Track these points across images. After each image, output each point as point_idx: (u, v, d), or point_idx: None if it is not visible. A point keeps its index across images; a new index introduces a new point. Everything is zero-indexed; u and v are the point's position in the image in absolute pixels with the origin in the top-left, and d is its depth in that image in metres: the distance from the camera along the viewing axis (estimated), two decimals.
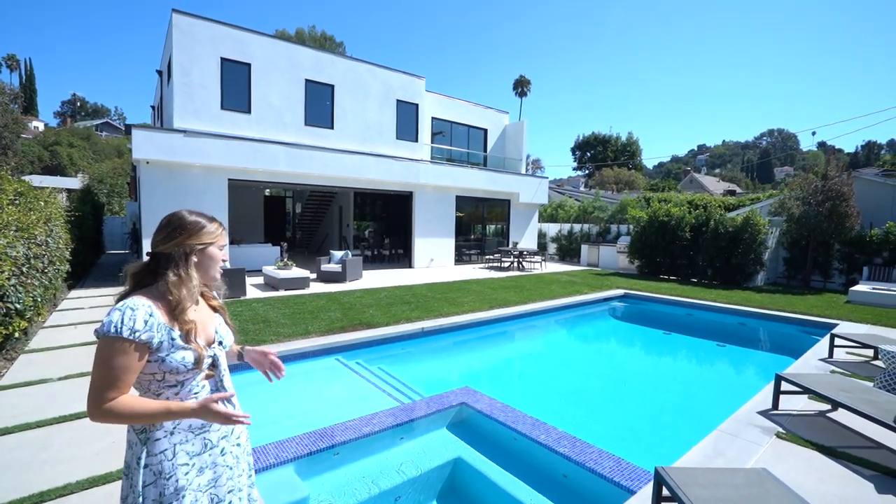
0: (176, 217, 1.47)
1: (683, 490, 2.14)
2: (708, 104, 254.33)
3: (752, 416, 3.80)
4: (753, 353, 7.71)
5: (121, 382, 1.30)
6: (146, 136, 10.03)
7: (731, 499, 2.08)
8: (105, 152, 42.05)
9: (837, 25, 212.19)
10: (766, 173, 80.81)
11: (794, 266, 12.90)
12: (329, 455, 3.30)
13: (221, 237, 1.53)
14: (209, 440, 1.43)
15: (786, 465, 3.01)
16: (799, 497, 2.13)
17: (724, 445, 3.27)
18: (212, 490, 1.43)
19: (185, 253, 1.44)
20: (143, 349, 1.33)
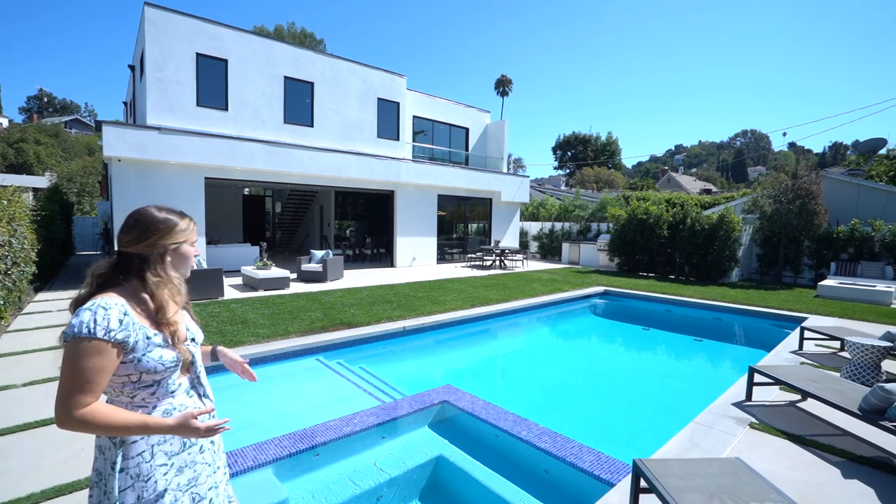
0: (145, 215, 1.41)
1: (660, 481, 2.18)
2: (685, 105, 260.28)
3: (727, 407, 3.90)
4: (728, 346, 7.92)
5: (94, 385, 1.24)
6: (118, 132, 9.72)
7: (705, 488, 2.13)
8: (75, 150, 40.66)
9: (807, 30, 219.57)
10: (740, 173, 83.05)
11: (767, 262, 13.29)
12: (309, 456, 3.25)
13: (193, 233, 1.51)
14: (188, 439, 1.41)
15: (758, 454, 3.09)
16: (770, 484, 2.18)
17: (700, 437, 3.34)
18: (192, 489, 1.41)
19: (159, 254, 1.41)
20: (119, 349, 1.28)
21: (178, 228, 1.45)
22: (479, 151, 19.40)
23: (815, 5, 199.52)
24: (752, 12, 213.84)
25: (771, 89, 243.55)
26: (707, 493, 2.08)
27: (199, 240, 10.48)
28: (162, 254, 1.42)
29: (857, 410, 3.11)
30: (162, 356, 1.34)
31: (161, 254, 1.41)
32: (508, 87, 57.20)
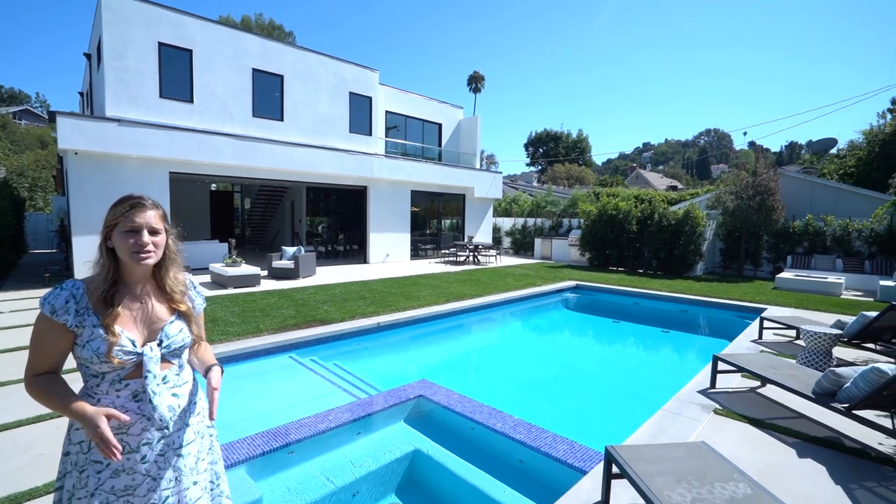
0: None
1: (631, 466, 2.25)
2: (653, 105, 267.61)
3: (693, 395, 4.05)
4: (694, 337, 8.23)
5: (38, 360, 1.33)
6: (74, 124, 9.24)
7: (673, 471, 2.21)
8: (25, 142, 38.37)
9: (767, 34, 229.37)
10: (704, 170, 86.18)
11: (729, 256, 13.87)
12: (283, 454, 3.20)
13: (125, 218, 1.37)
14: (127, 443, 1.34)
15: (722, 437, 3.24)
16: (733, 465, 2.29)
17: (668, 423, 3.47)
18: (128, 497, 1.34)
19: (103, 236, 1.40)
20: (62, 331, 1.30)
21: (111, 213, 1.40)
22: (453, 147, 19.43)
23: (774, 13, 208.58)
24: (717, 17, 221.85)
25: (733, 91, 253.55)
26: (675, 475, 2.16)
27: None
28: (103, 238, 1.40)
29: (811, 394, 3.30)
30: (100, 348, 1.31)
31: (103, 238, 1.40)
32: (481, 83, 57.33)
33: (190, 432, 1.47)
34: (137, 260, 1.37)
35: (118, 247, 1.37)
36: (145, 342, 1.39)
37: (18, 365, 4.54)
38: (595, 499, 2.49)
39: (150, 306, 1.45)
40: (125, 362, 1.33)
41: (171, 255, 1.50)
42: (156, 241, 1.41)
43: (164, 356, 1.42)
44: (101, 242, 1.40)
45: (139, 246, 1.37)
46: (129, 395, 1.36)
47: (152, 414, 1.36)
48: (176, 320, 1.48)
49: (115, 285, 1.39)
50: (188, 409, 1.47)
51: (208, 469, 1.53)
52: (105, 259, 1.39)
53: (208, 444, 1.55)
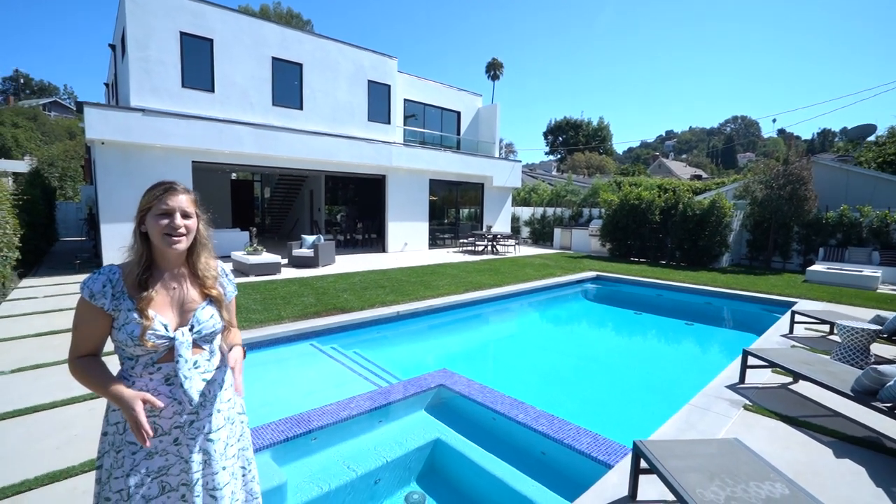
0: None
1: (661, 462, 2.19)
2: (676, 91, 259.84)
3: (721, 390, 3.94)
4: (719, 330, 8.02)
5: (79, 343, 1.36)
6: (101, 114, 9.42)
7: (706, 468, 2.14)
8: (55, 133, 39.47)
9: (797, 15, 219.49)
10: (730, 159, 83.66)
11: (757, 248, 13.45)
12: (307, 440, 3.23)
13: (158, 202, 1.40)
14: (159, 425, 1.37)
15: (753, 434, 3.13)
16: (768, 464, 2.20)
17: (696, 418, 3.38)
18: (162, 477, 1.37)
19: (137, 220, 1.43)
20: (100, 314, 1.34)
21: (144, 198, 1.43)
22: (471, 136, 19.23)
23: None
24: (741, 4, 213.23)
25: (761, 76, 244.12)
26: (707, 472, 2.09)
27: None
28: (137, 222, 1.43)
29: (850, 392, 3.16)
30: (134, 331, 1.33)
31: (137, 222, 1.43)
32: (500, 70, 56.57)
33: (220, 418, 1.47)
34: (170, 243, 1.40)
35: (151, 230, 1.40)
36: (177, 327, 1.41)
37: (53, 349, 4.69)
38: (622, 493, 2.44)
39: (182, 291, 1.47)
40: (158, 346, 1.35)
41: (203, 240, 1.51)
42: (188, 225, 1.43)
43: (196, 341, 1.43)
44: (135, 227, 1.43)
45: (172, 228, 1.39)
46: (162, 378, 1.38)
47: (183, 398, 1.38)
48: (207, 306, 1.50)
49: (148, 270, 1.42)
50: (218, 394, 1.48)
51: (238, 455, 1.54)
52: (139, 244, 1.42)
53: (238, 431, 1.55)
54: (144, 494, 1.34)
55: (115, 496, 1.34)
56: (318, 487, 2.90)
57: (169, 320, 1.40)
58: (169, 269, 1.46)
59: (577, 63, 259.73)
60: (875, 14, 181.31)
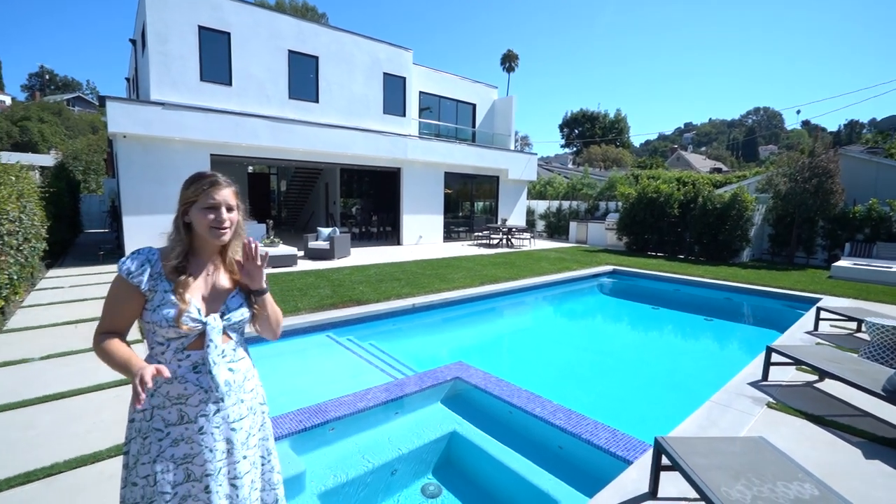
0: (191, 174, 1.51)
1: (684, 459, 2.15)
2: (696, 82, 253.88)
3: (743, 387, 3.86)
4: (739, 326, 7.86)
5: (109, 319, 1.40)
6: (122, 108, 9.59)
7: (730, 466, 2.10)
8: (78, 128, 40.42)
9: (824, 3, 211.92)
10: (751, 152, 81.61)
11: (779, 242, 13.11)
12: (324, 430, 3.26)
13: (205, 195, 1.42)
14: (185, 413, 1.38)
15: (777, 433, 3.06)
16: (796, 463, 2.15)
17: (718, 415, 3.31)
18: (188, 465, 1.38)
19: (179, 211, 1.45)
20: (135, 293, 1.37)
21: (187, 191, 1.45)
22: (486, 128, 19.08)
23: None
24: None
25: (785, 66, 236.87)
26: (732, 471, 2.05)
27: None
28: (179, 214, 1.45)
29: (881, 391, 3.06)
30: (170, 314, 1.35)
31: (180, 213, 1.45)
32: (515, 62, 55.93)
33: (243, 408, 1.48)
34: (217, 236, 1.44)
35: (197, 222, 1.43)
36: (208, 313, 1.43)
37: (79, 336, 4.81)
38: (642, 489, 2.40)
39: (215, 278, 1.50)
40: (192, 329, 1.38)
41: (240, 230, 1.54)
42: (231, 218, 1.47)
43: (224, 329, 1.45)
44: (178, 217, 1.45)
45: (218, 222, 1.43)
46: (190, 365, 1.40)
47: (209, 385, 1.39)
48: (237, 294, 1.52)
49: (186, 257, 1.45)
50: (242, 385, 1.49)
51: (259, 445, 1.55)
52: (182, 233, 1.45)
53: (260, 421, 1.57)
54: (170, 481, 1.35)
55: (142, 481, 1.36)
56: (335, 477, 2.93)
57: (201, 305, 1.43)
58: (204, 257, 1.50)
59: (595, 54, 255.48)
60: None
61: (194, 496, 1.38)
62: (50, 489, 2.35)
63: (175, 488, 1.36)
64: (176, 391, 1.37)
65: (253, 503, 1.49)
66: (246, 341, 1.61)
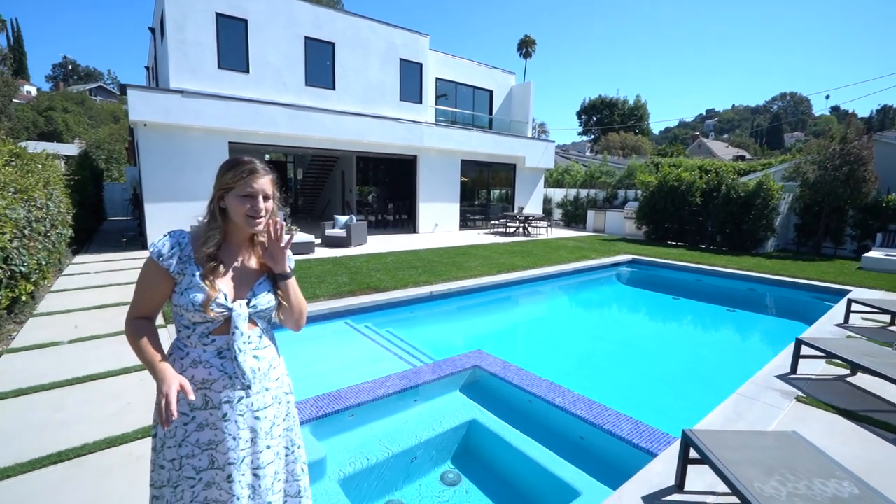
0: (227, 160, 1.48)
1: (714, 452, 2.09)
2: (719, 67, 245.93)
3: (771, 379, 3.75)
4: (764, 318, 7.67)
5: (139, 302, 1.39)
6: (142, 96, 9.69)
7: (762, 461, 2.03)
8: (101, 117, 41.21)
9: None
10: (776, 139, 79.05)
11: (805, 232, 12.70)
12: (344, 417, 3.28)
13: (243, 183, 1.39)
14: (210, 398, 1.37)
15: (808, 427, 2.97)
16: (832, 459, 2.07)
17: (745, 408, 3.23)
18: (212, 451, 1.37)
19: (214, 196, 1.43)
20: (165, 276, 1.36)
21: (223, 177, 1.42)
22: (504, 115, 18.81)
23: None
24: None
25: (813, 49, 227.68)
26: (765, 466, 1.98)
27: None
28: (216, 198, 1.42)
29: None
30: (197, 298, 1.33)
31: (215, 197, 1.42)
32: (532, 48, 54.90)
33: (268, 396, 1.47)
34: (252, 225, 1.41)
35: (233, 209, 1.40)
36: (235, 299, 1.41)
37: (106, 321, 4.93)
38: (668, 482, 2.35)
39: (243, 264, 1.48)
40: (218, 315, 1.36)
41: (273, 218, 1.51)
42: (267, 207, 1.44)
43: (251, 316, 1.43)
44: (213, 202, 1.43)
45: (255, 212, 1.40)
46: (215, 351, 1.39)
47: (234, 372, 1.38)
48: (264, 281, 1.50)
49: (219, 244, 1.44)
50: (267, 373, 1.48)
51: (283, 435, 1.54)
52: (218, 219, 1.42)
53: (285, 411, 1.55)
54: (195, 465, 1.36)
55: (168, 465, 1.37)
56: (356, 463, 2.94)
57: (228, 291, 1.40)
58: (235, 243, 1.48)
59: (614, 38, 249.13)
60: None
61: (217, 484, 1.38)
62: (81, 469, 2.41)
63: (199, 474, 1.36)
64: (201, 376, 1.36)
65: (275, 494, 1.47)
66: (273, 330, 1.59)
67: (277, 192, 1.50)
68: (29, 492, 2.22)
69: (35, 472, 2.36)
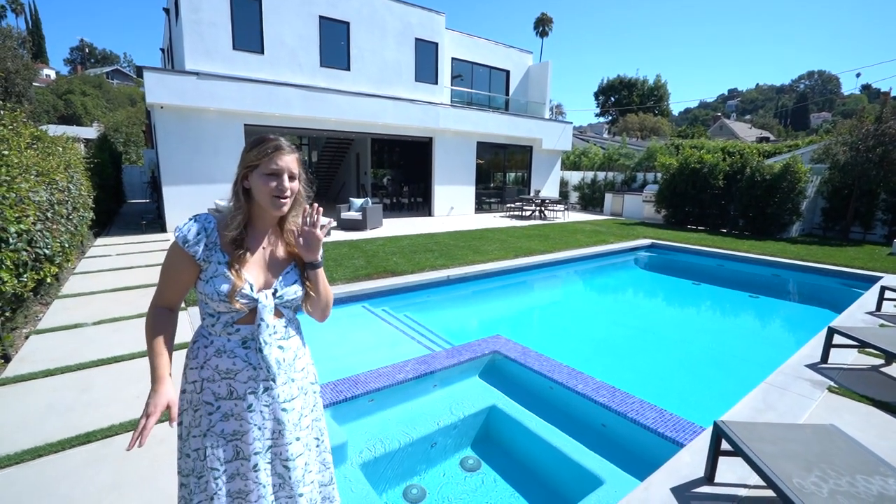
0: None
1: (749, 445, 2.01)
2: (742, 45, 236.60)
3: (800, 369, 3.64)
4: (788, 304, 7.47)
5: (164, 289, 1.35)
6: (159, 78, 9.67)
7: (800, 455, 1.95)
8: (118, 101, 41.55)
9: None
10: (802, 120, 76.37)
11: (832, 217, 12.28)
12: (364, 401, 3.28)
13: (268, 160, 1.31)
14: (234, 388, 1.33)
15: (842, 419, 2.87)
16: (873, 454, 1.98)
17: (775, 398, 3.13)
18: (237, 442, 1.34)
19: (239, 177, 1.35)
20: (190, 262, 1.30)
21: (247, 155, 1.34)
22: (520, 96, 18.42)
23: None
24: None
25: (844, 24, 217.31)
26: (804, 461, 1.91)
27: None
28: (239, 179, 1.35)
29: None
30: (221, 287, 1.28)
31: (239, 179, 1.35)
32: (548, 26, 53.44)
33: (294, 387, 1.43)
34: (277, 205, 1.33)
35: (257, 189, 1.33)
36: (261, 288, 1.36)
37: (128, 303, 5.00)
38: (697, 473, 2.29)
39: (270, 252, 1.42)
40: (243, 306, 1.31)
41: (300, 199, 1.44)
42: (293, 188, 1.36)
43: (277, 306, 1.38)
44: (237, 182, 1.36)
45: (279, 191, 1.32)
46: (239, 340, 1.35)
47: (259, 363, 1.34)
48: (291, 270, 1.44)
49: (245, 227, 1.37)
50: (292, 364, 1.43)
51: (311, 426, 1.51)
52: (242, 200, 1.36)
53: (312, 402, 1.52)
54: (220, 457, 1.33)
55: (194, 454, 1.35)
56: (376, 447, 2.94)
57: (254, 280, 1.35)
58: (261, 228, 1.41)
59: (634, 14, 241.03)
60: None
61: (242, 474, 1.35)
62: (108, 450, 2.44)
63: (224, 465, 1.33)
64: (225, 365, 1.32)
65: (307, 485, 1.45)
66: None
67: (304, 173, 1.43)
68: (57, 472, 2.26)
69: (64, 453, 2.40)
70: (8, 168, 3.80)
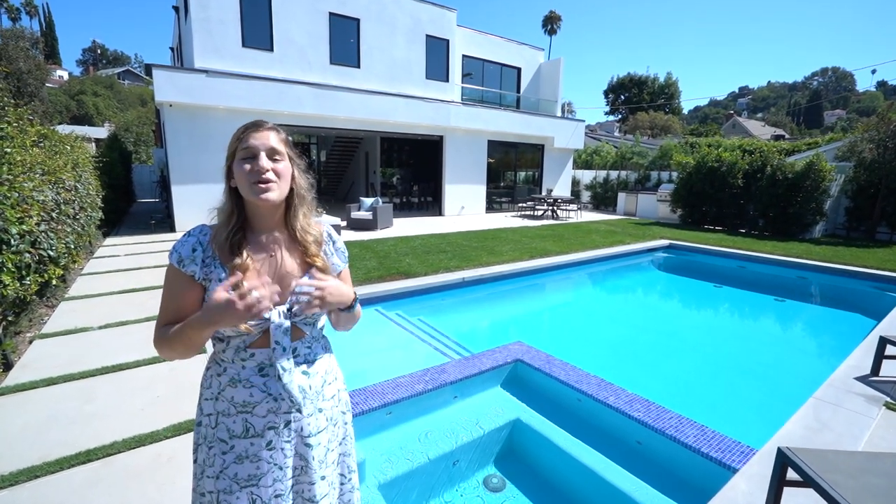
0: None
1: (823, 477, 1.77)
2: (753, 42, 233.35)
3: (850, 382, 3.37)
4: (817, 308, 7.16)
5: (166, 311, 1.12)
6: (167, 76, 9.56)
7: (888, 491, 1.71)
8: (129, 101, 41.83)
9: None
10: (815, 117, 74.99)
11: (857, 217, 11.86)
12: (382, 414, 3.07)
13: (241, 143, 1.11)
14: (252, 424, 1.11)
15: None
16: None
17: (828, 416, 2.88)
18: (251, 488, 1.12)
19: (226, 173, 1.15)
20: (189, 283, 1.10)
21: (232, 139, 1.14)
22: (532, 94, 18.14)
23: None
24: None
25: (860, 20, 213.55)
26: (893, 499, 1.66)
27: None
28: (226, 175, 1.16)
29: None
30: None
31: (226, 175, 1.16)
32: (557, 24, 52.98)
33: (322, 418, 1.22)
34: (257, 191, 1.09)
35: (238, 180, 1.11)
36: (273, 306, 1.12)
37: (137, 305, 4.84)
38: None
39: (278, 259, 1.18)
40: (251, 328, 1.09)
41: (300, 191, 1.21)
42: (277, 169, 1.12)
43: (295, 323, 1.16)
44: (225, 182, 1.16)
45: (257, 172, 1.09)
46: (255, 367, 1.13)
47: (279, 393, 1.13)
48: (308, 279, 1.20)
49: (240, 232, 1.14)
50: (320, 391, 1.22)
51: (339, 461, 1.30)
52: (231, 200, 1.15)
53: (341, 433, 1.31)
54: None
55: (208, 496, 1.15)
56: (395, 466, 2.74)
57: (268, 295, 1.12)
58: (264, 232, 1.18)
59: (642, 13, 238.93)
60: None
61: None
62: (109, 469, 2.26)
63: None
64: (241, 397, 1.12)
65: None
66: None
67: (295, 155, 1.19)
68: (55, 494, 2.08)
69: (62, 473, 2.22)
70: (10, 166, 3.64)
